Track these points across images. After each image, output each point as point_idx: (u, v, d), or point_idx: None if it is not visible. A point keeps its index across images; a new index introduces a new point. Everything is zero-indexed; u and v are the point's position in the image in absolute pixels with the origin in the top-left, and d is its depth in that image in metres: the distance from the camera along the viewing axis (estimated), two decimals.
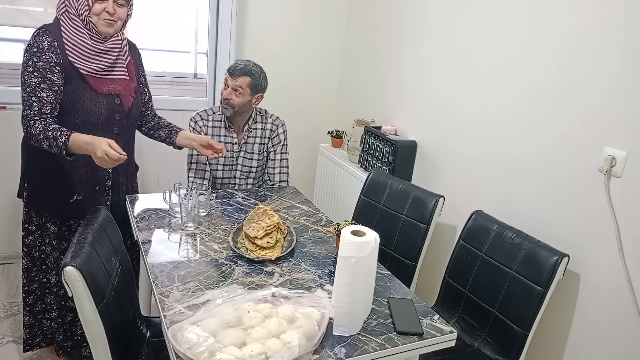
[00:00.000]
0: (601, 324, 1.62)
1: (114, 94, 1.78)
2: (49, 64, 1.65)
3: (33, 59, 1.64)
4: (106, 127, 1.78)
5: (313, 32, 3.12)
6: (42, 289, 1.92)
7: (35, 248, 1.87)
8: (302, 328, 1.19)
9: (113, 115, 1.79)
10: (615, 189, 1.56)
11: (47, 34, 1.66)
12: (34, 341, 1.96)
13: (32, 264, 1.89)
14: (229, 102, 2.10)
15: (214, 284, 1.43)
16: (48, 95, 1.65)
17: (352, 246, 1.22)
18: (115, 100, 1.79)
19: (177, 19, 2.90)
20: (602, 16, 1.58)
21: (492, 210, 1.88)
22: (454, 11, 2.23)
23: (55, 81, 1.66)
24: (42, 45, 1.64)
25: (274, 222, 1.69)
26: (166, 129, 2.08)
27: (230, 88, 2.09)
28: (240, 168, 2.26)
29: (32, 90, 1.64)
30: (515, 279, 1.65)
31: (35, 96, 1.64)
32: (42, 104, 1.65)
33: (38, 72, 1.64)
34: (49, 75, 1.65)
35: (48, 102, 1.66)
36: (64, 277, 1.22)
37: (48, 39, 1.65)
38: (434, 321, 1.39)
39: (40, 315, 1.95)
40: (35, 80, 1.64)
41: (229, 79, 2.10)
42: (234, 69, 2.09)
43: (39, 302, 1.93)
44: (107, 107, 1.77)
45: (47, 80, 1.65)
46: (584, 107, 1.64)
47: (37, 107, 1.65)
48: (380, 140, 2.50)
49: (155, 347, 1.58)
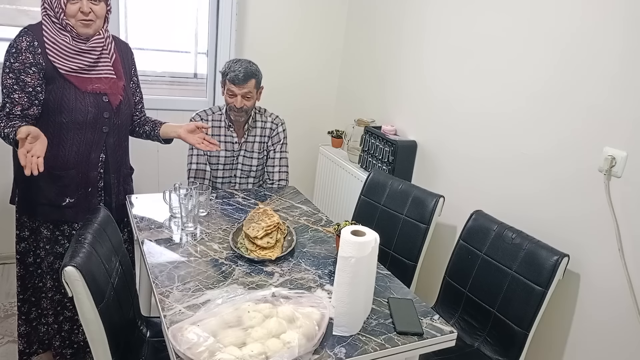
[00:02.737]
0: (601, 324, 1.62)
1: (99, 92, 1.75)
2: (24, 65, 1.63)
3: (10, 60, 1.64)
4: (95, 126, 1.76)
5: (313, 32, 3.12)
6: (37, 294, 1.91)
7: (29, 254, 1.86)
8: (302, 328, 1.19)
9: (101, 113, 1.76)
10: (615, 189, 1.56)
11: (28, 34, 1.65)
12: (30, 349, 1.95)
13: (26, 271, 1.87)
14: (243, 109, 2.09)
15: (214, 284, 1.43)
16: (20, 97, 1.64)
17: (352, 246, 1.22)
18: (103, 98, 1.75)
19: (177, 19, 2.90)
20: (602, 16, 1.58)
21: (492, 210, 1.88)
22: (453, 11, 2.23)
23: (28, 82, 1.64)
24: (20, 46, 1.63)
25: (274, 222, 1.69)
26: (151, 123, 2.03)
27: (239, 96, 2.06)
28: (240, 167, 2.26)
29: (6, 91, 1.64)
30: (515, 279, 1.65)
31: (9, 97, 1.64)
32: (13, 105, 1.64)
33: (13, 73, 1.63)
34: (22, 76, 1.64)
35: (19, 103, 1.64)
36: (64, 277, 1.21)
37: (27, 39, 1.64)
38: (434, 321, 1.38)
39: (35, 322, 1.94)
40: (9, 81, 1.64)
41: (234, 88, 2.05)
42: (237, 78, 2.03)
43: (34, 309, 1.92)
44: (94, 105, 1.73)
45: (20, 82, 1.64)
46: (584, 107, 1.64)
47: (7, 108, 1.65)
48: (380, 140, 2.50)
49: (155, 347, 1.58)
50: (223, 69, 2.10)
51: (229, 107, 2.13)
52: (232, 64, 2.08)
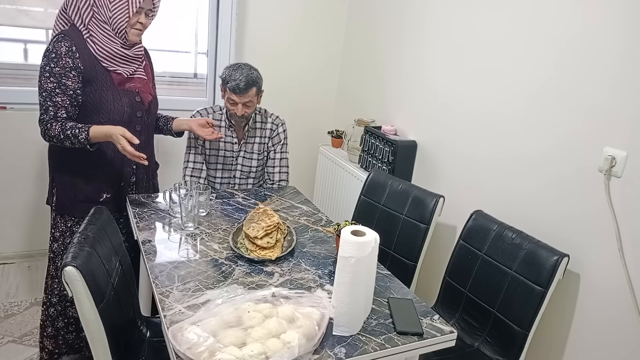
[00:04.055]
0: (601, 324, 1.62)
1: (134, 91, 1.85)
2: (64, 69, 1.70)
3: (50, 64, 1.69)
4: (129, 125, 1.83)
5: (313, 32, 3.12)
6: (62, 303, 1.91)
7: (59, 256, 1.89)
8: (302, 328, 1.19)
9: (135, 112, 1.86)
10: (615, 189, 1.56)
11: (65, 39, 1.70)
12: (60, 350, 1.95)
13: (56, 274, 1.90)
14: (244, 115, 2.09)
15: (214, 284, 1.43)
16: (63, 100, 1.72)
17: (352, 246, 1.22)
18: (135, 98, 1.85)
19: (177, 19, 2.90)
20: (601, 16, 1.58)
21: (492, 210, 1.88)
22: (454, 11, 2.23)
23: (69, 86, 1.71)
24: (59, 50, 1.69)
25: (274, 222, 1.69)
26: (163, 118, 2.13)
27: (240, 105, 2.06)
28: (240, 168, 2.26)
29: (47, 94, 1.71)
30: (515, 279, 1.65)
31: (51, 100, 1.71)
32: (57, 108, 1.72)
33: (54, 77, 1.69)
34: (63, 80, 1.70)
35: (63, 106, 1.72)
36: (64, 277, 1.22)
37: (66, 44, 1.70)
38: (434, 321, 1.39)
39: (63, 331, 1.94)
40: (50, 85, 1.70)
41: (235, 97, 2.04)
42: (238, 87, 2.02)
43: (60, 317, 1.93)
44: (129, 105, 1.83)
45: (61, 85, 1.70)
46: (584, 107, 1.64)
47: (52, 112, 1.72)
48: (380, 140, 2.50)
49: (155, 347, 1.58)
50: (223, 75, 2.08)
51: (230, 113, 2.13)
52: (232, 72, 2.05)
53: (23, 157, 2.57)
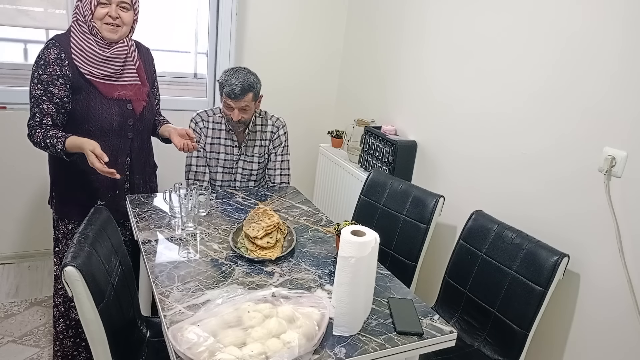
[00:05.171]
0: (601, 324, 1.62)
1: (125, 99, 1.79)
2: (52, 76, 1.68)
3: (38, 71, 1.69)
4: (120, 133, 1.82)
5: (313, 32, 3.12)
6: (66, 304, 1.91)
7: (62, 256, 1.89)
8: (302, 328, 1.19)
9: (126, 121, 1.82)
10: (615, 189, 1.56)
11: (55, 45, 1.69)
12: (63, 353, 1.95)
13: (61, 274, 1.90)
14: (241, 121, 2.08)
15: (214, 284, 1.43)
16: (49, 107, 1.71)
17: (352, 246, 1.22)
18: (127, 105, 1.81)
19: (177, 19, 2.90)
20: (601, 16, 1.58)
21: (492, 210, 1.88)
22: (454, 11, 2.23)
23: (56, 94, 1.70)
24: (48, 58, 1.68)
25: (274, 222, 1.69)
26: (160, 123, 2.07)
27: (236, 110, 2.03)
28: (240, 171, 2.25)
29: (35, 101, 1.71)
30: (515, 279, 1.65)
31: (38, 107, 1.71)
32: (43, 115, 1.71)
33: (41, 84, 1.69)
34: (50, 87, 1.69)
35: (49, 113, 1.72)
36: (64, 277, 1.22)
37: (55, 51, 1.69)
38: (434, 321, 1.39)
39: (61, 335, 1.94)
40: (38, 92, 1.69)
41: (231, 102, 2.02)
42: (233, 93, 1.99)
43: (62, 319, 1.93)
44: (118, 113, 1.79)
45: (48, 93, 1.70)
46: (584, 107, 1.64)
47: (38, 118, 1.72)
48: (380, 140, 2.50)
49: (155, 347, 1.58)
50: (220, 79, 2.06)
51: (227, 117, 2.11)
52: (229, 76, 2.03)
53: (23, 157, 2.57)
